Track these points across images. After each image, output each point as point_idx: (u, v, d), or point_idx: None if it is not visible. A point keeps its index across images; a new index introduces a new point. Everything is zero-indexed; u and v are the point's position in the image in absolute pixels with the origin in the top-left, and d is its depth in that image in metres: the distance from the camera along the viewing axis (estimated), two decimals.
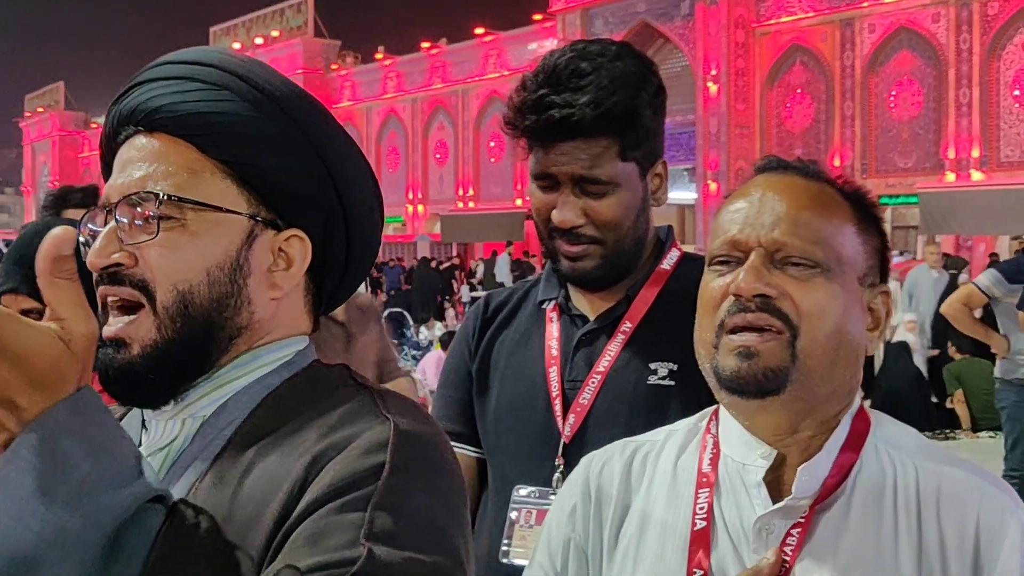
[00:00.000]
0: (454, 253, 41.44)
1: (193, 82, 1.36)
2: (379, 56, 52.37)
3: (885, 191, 32.65)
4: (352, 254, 1.46)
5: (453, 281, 32.37)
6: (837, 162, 33.52)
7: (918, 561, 1.43)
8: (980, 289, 7.47)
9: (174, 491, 1.25)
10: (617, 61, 2.15)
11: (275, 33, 55.40)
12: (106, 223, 1.33)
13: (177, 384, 1.33)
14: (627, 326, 2.22)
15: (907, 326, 13.48)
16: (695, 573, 1.50)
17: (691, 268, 2.26)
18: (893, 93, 32.98)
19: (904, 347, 13.01)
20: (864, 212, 1.58)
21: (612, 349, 2.21)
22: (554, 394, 2.22)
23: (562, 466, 2.17)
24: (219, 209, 1.32)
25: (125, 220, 1.31)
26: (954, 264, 20.00)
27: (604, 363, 2.20)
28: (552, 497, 2.15)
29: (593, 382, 2.19)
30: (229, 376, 1.35)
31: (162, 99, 1.35)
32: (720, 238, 1.54)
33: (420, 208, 49.21)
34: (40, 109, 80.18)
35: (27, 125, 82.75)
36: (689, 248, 2.43)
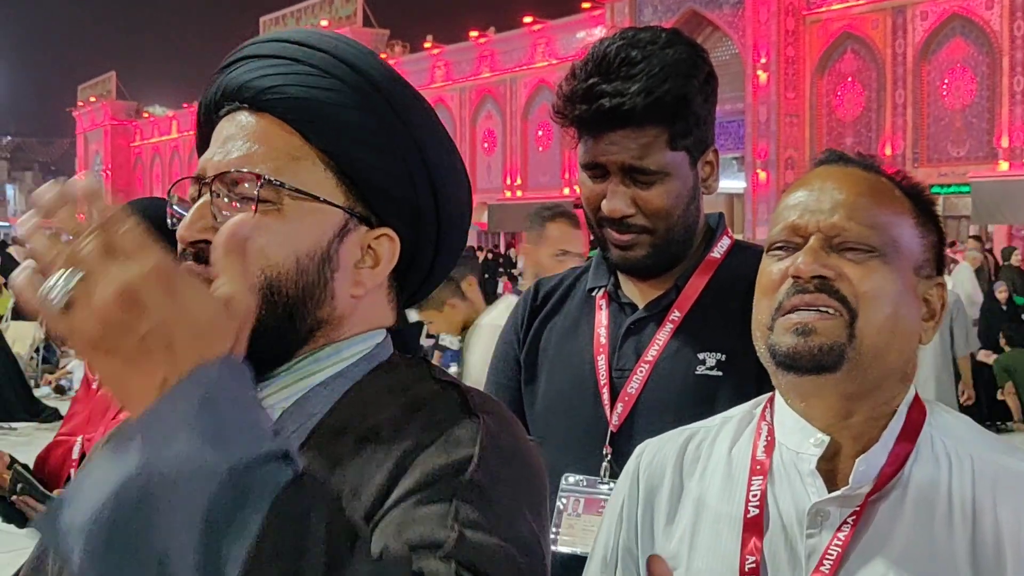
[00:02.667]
0: (501, 242, 41.45)
1: (303, 65, 1.33)
2: (427, 45, 52.48)
3: (937, 180, 32.32)
4: (440, 255, 1.44)
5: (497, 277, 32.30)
6: (888, 151, 33.22)
7: (972, 552, 1.43)
8: None
9: None
10: (668, 48, 2.12)
11: (324, 23, 55.64)
12: (199, 196, 1.31)
13: (256, 371, 1.28)
14: (676, 315, 2.21)
15: None
16: (748, 560, 1.52)
17: (742, 256, 2.26)
18: (945, 81, 32.64)
19: None
20: (922, 207, 1.60)
21: (661, 338, 2.20)
22: (602, 382, 2.21)
23: (610, 455, 2.17)
24: (316, 199, 1.30)
25: (221, 196, 1.29)
26: (1007, 255, 19.80)
27: (652, 352, 2.19)
28: (600, 486, 2.16)
29: (641, 371, 2.18)
30: (310, 369, 1.33)
31: (272, 79, 1.32)
32: (780, 224, 1.57)
33: None
34: (92, 99, 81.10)
35: (80, 115, 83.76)
36: (737, 236, 2.41)
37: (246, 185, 1.28)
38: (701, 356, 2.14)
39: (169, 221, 1.34)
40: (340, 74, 1.33)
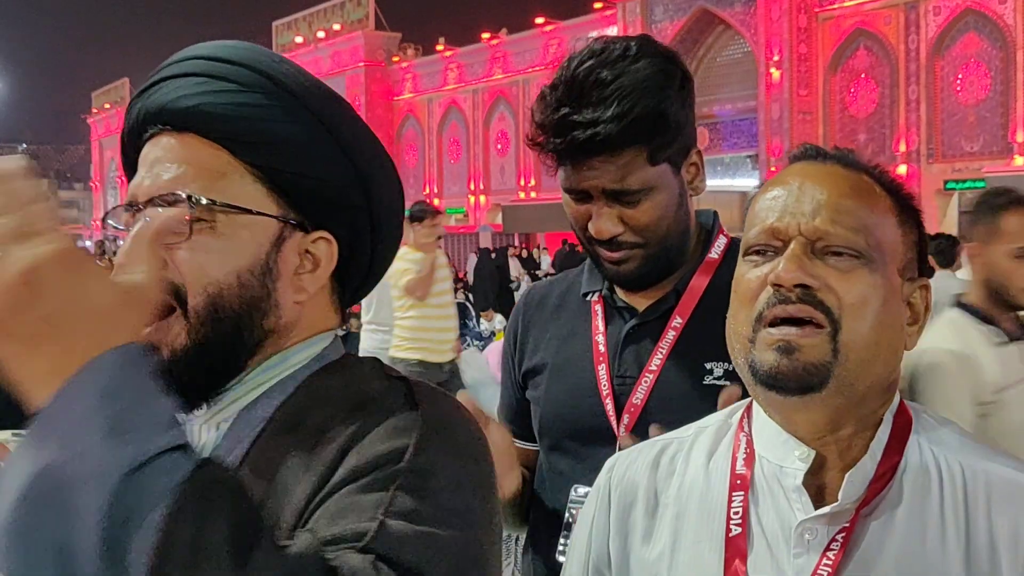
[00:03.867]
0: (516, 243, 41.42)
1: (223, 82, 1.34)
2: (440, 48, 52.48)
3: (951, 176, 32.22)
4: (377, 252, 1.46)
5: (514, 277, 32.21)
6: (903, 147, 33.12)
7: (967, 563, 1.37)
8: None
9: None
10: (638, 62, 2.05)
11: (336, 26, 55.69)
12: (133, 222, 1.32)
13: (207, 387, 1.33)
14: (677, 321, 2.16)
15: None
16: None
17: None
18: (959, 76, 32.52)
19: None
20: (903, 204, 1.51)
21: (663, 347, 2.15)
22: (604, 393, 2.17)
23: None
24: (249, 211, 1.31)
25: None
26: None
27: (656, 361, 2.14)
28: None
29: (646, 381, 2.14)
30: (260, 379, 1.35)
31: (192, 99, 1.33)
32: (757, 227, 1.47)
33: (482, 199, 49.28)
34: (107, 105, 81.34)
35: (94, 121, 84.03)
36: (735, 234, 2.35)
37: (179, 207, 1.29)
38: (708, 365, 2.09)
39: (107, 248, 1.36)
40: (259, 86, 1.34)
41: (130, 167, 1.41)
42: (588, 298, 2.30)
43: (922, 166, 32.56)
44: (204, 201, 1.29)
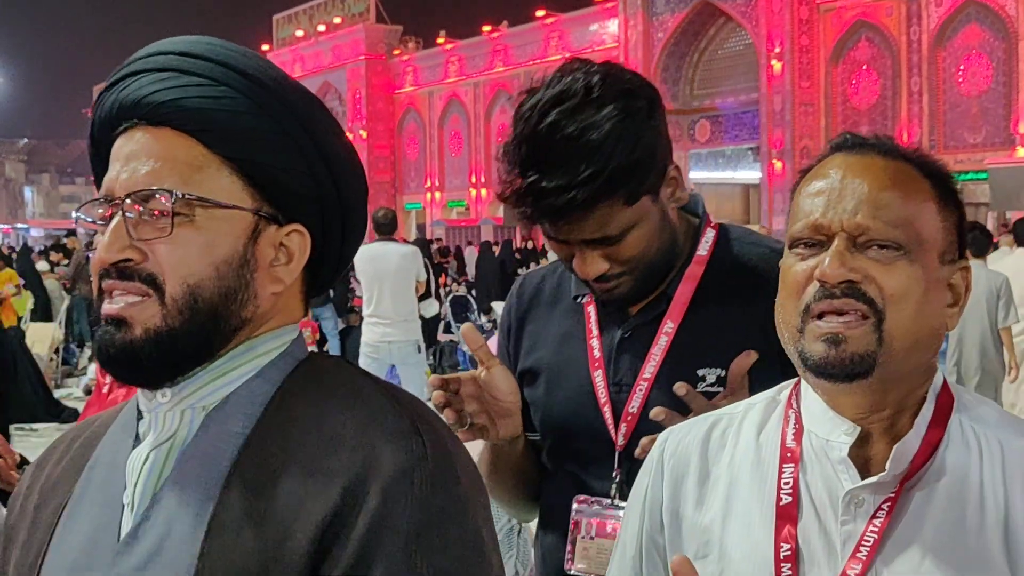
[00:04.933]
0: (517, 236, 41.38)
1: (195, 76, 1.37)
2: (440, 40, 52.46)
3: (954, 167, 32.09)
4: (347, 240, 1.49)
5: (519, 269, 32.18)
6: (905, 138, 32.99)
7: (1005, 538, 1.43)
8: None
9: (186, 487, 1.31)
10: (603, 109, 1.96)
11: (337, 20, 55.67)
12: (109, 217, 1.35)
13: (176, 370, 1.35)
14: (669, 326, 2.14)
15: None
16: (783, 547, 1.52)
17: (729, 248, 2.20)
18: (961, 67, 32.48)
19: None
20: (943, 188, 1.56)
21: (656, 354, 2.13)
22: (602, 400, 2.16)
23: (619, 477, 2.12)
24: (225, 205, 1.34)
25: (133, 216, 1.33)
26: None
27: (650, 369, 2.12)
28: (610, 509, 2.13)
29: (641, 389, 2.12)
30: (226, 367, 1.38)
31: (167, 93, 1.35)
32: (802, 221, 1.53)
33: (483, 192, 49.26)
34: None
35: None
36: (754, 227, 2.33)
37: (160, 200, 1.32)
38: (700, 372, 2.07)
39: (81, 242, 1.37)
40: (231, 81, 1.37)
41: (98, 159, 1.43)
42: (579, 300, 2.27)
43: None
44: (184, 196, 1.32)
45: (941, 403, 1.54)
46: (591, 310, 2.24)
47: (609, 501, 2.15)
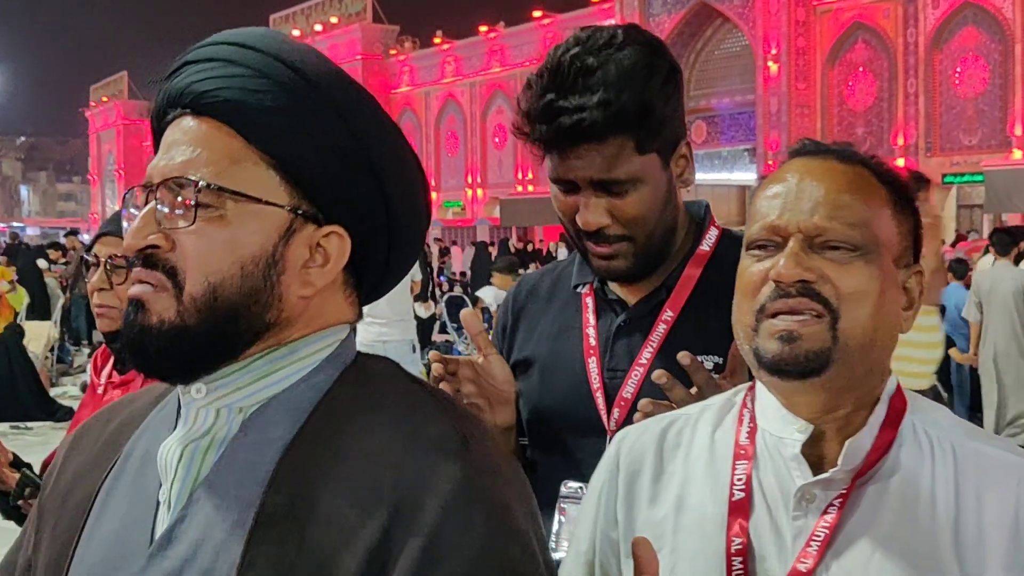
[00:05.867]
0: (514, 237, 41.42)
1: (236, 66, 1.32)
2: (437, 40, 52.49)
3: (950, 170, 32.22)
4: (395, 248, 1.42)
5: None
6: (901, 141, 33.12)
7: (955, 537, 1.46)
8: None
9: (233, 492, 1.26)
10: (623, 50, 2.04)
11: (334, 19, 55.69)
12: (146, 203, 1.31)
13: (191, 368, 1.31)
14: (668, 314, 2.15)
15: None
16: (735, 541, 1.53)
17: (731, 247, 2.16)
18: (958, 70, 32.51)
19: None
20: (899, 194, 1.58)
21: (654, 340, 2.14)
22: (595, 386, 2.17)
23: None
24: (259, 200, 1.30)
25: (165, 203, 1.30)
26: None
27: (647, 355, 2.13)
28: None
29: (636, 374, 2.13)
30: (266, 369, 1.32)
31: (208, 83, 1.32)
32: (759, 223, 1.55)
33: (479, 192, 49.27)
34: (104, 99, 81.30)
35: (92, 115, 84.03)
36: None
37: (190, 189, 1.28)
38: (698, 359, 2.04)
39: (124, 226, 1.36)
40: (275, 73, 1.32)
41: (158, 149, 1.40)
42: (578, 290, 2.29)
43: (920, 159, 32.54)
44: (212, 186, 1.28)
45: (894, 406, 1.56)
46: (589, 301, 2.25)
47: None
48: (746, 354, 1.55)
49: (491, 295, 14.76)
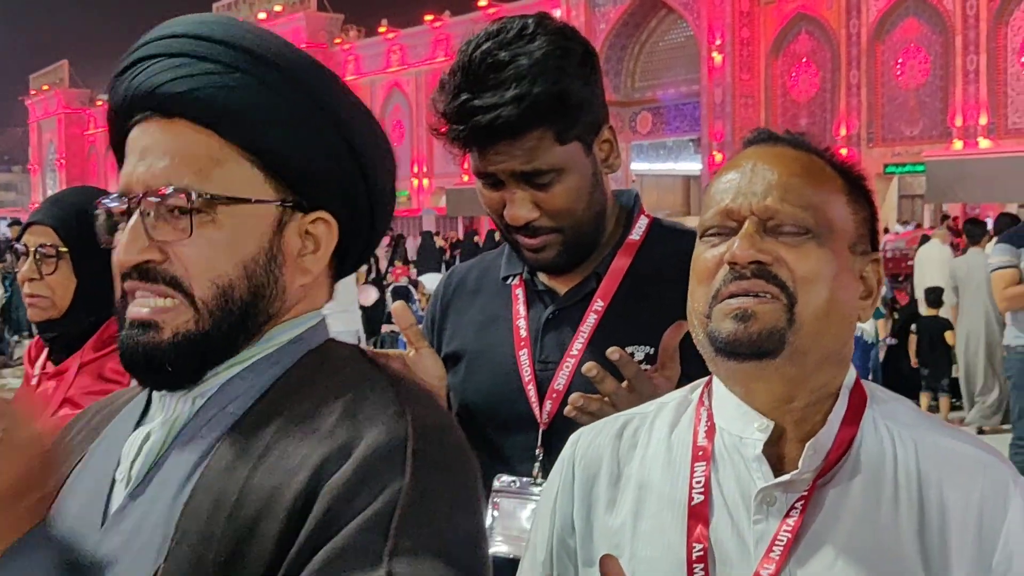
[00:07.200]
0: (460, 227, 41.36)
1: (205, 62, 1.30)
2: (382, 29, 52.26)
3: (891, 160, 32.58)
4: (376, 227, 1.44)
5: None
6: (843, 131, 33.43)
7: (920, 535, 1.44)
8: (1006, 267, 7.59)
9: (178, 465, 1.27)
10: (535, 41, 2.02)
11: (278, 8, 55.26)
12: (127, 212, 1.29)
13: (201, 370, 1.31)
14: (599, 304, 2.14)
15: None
16: (695, 547, 1.50)
17: (661, 235, 2.21)
18: (899, 61, 32.86)
19: None
20: (853, 183, 1.58)
21: (585, 330, 2.12)
22: (526, 379, 2.14)
23: (542, 455, 2.10)
24: (248, 201, 1.29)
25: (151, 213, 1.27)
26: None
27: (578, 345, 2.11)
28: (533, 487, 2.10)
29: (567, 365, 2.11)
30: (242, 356, 1.33)
31: (179, 83, 1.28)
32: (712, 209, 1.54)
33: (425, 182, 49.16)
34: (45, 87, 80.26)
35: (32, 103, 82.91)
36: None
37: (179, 198, 1.26)
38: (629, 349, 2.02)
39: (97, 227, 1.34)
40: (245, 66, 1.31)
41: (119, 145, 1.37)
42: (508, 282, 2.27)
43: (862, 150, 32.88)
44: (204, 195, 1.27)
45: (854, 400, 1.54)
46: (519, 292, 2.24)
47: (531, 479, 2.12)
48: (700, 345, 1.53)
49: (434, 282, 14.77)
